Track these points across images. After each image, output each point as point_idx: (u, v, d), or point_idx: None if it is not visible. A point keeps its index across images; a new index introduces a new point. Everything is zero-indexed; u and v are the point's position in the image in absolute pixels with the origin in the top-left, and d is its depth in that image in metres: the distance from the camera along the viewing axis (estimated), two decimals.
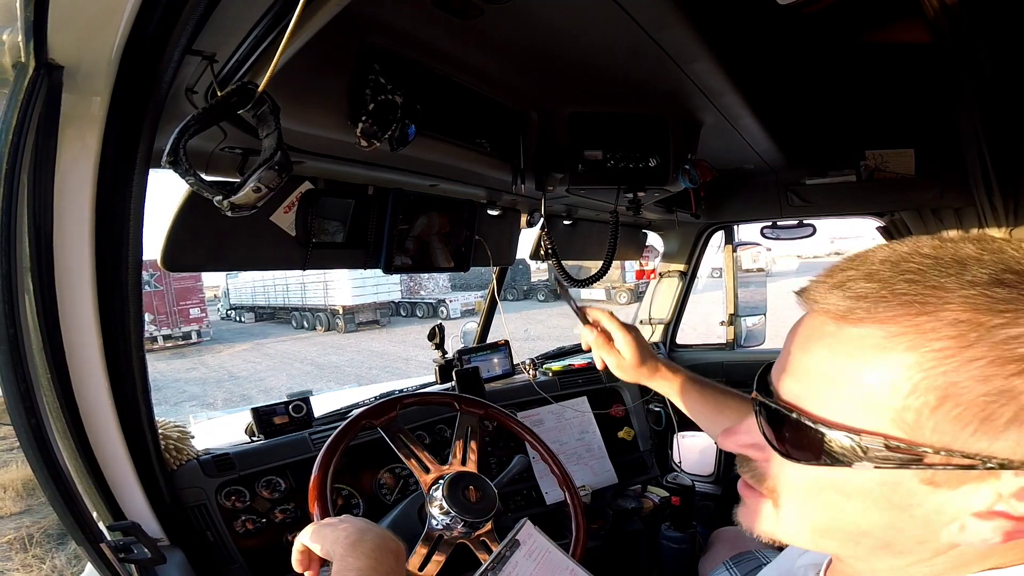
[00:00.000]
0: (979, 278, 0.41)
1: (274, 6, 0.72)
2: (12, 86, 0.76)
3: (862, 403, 0.43)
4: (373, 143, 1.07)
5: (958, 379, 0.39)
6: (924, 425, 0.41)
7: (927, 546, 0.46)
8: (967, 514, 0.42)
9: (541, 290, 24.72)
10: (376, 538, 0.88)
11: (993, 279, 0.41)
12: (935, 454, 0.41)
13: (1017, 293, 0.40)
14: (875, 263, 0.45)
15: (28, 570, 4.62)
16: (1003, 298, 0.40)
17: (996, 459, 0.39)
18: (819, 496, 0.48)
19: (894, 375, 0.41)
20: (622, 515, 1.91)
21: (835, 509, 0.47)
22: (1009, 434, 0.39)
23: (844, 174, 2.47)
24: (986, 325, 0.39)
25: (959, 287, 0.41)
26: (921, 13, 1.26)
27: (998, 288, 0.40)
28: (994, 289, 0.40)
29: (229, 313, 27.70)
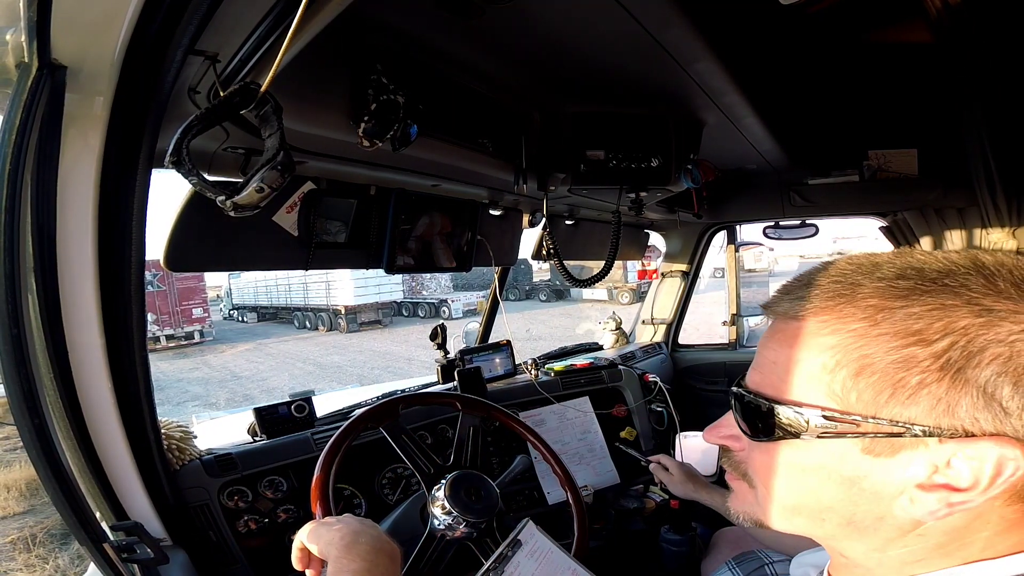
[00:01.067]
0: (887, 274, 0.49)
1: (276, 6, 0.72)
2: (15, 86, 0.76)
3: (802, 382, 0.51)
4: (375, 143, 1.07)
5: (870, 351, 0.47)
6: (850, 395, 0.48)
7: (888, 523, 0.50)
8: (911, 486, 0.48)
9: (543, 290, 24.73)
10: (371, 540, 0.88)
11: (897, 275, 0.49)
12: (865, 421, 0.47)
13: (915, 283, 0.47)
14: (813, 274, 0.54)
15: (31, 570, 4.63)
16: (904, 287, 0.48)
17: (917, 425, 0.46)
18: (782, 474, 0.54)
19: (823, 355, 0.50)
20: (624, 515, 1.91)
21: (797, 485, 0.54)
22: (920, 399, 0.45)
23: (847, 174, 2.47)
24: (890, 308, 0.47)
25: (871, 282, 0.49)
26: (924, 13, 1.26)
27: (901, 280, 0.48)
28: (897, 281, 0.48)
29: (232, 313, 27.74)
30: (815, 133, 2.26)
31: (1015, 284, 0.46)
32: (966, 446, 0.45)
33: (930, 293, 0.46)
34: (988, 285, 0.46)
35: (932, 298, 0.46)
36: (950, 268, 0.48)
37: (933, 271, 0.48)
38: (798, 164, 2.46)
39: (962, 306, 0.45)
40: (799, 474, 0.53)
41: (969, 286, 0.46)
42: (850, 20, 1.36)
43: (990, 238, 2.26)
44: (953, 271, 0.47)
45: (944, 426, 0.45)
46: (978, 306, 0.45)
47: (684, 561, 1.65)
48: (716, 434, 0.63)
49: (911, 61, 1.59)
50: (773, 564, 1.16)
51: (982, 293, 0.45)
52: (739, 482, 0.62)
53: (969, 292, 0.46)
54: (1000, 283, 0.46)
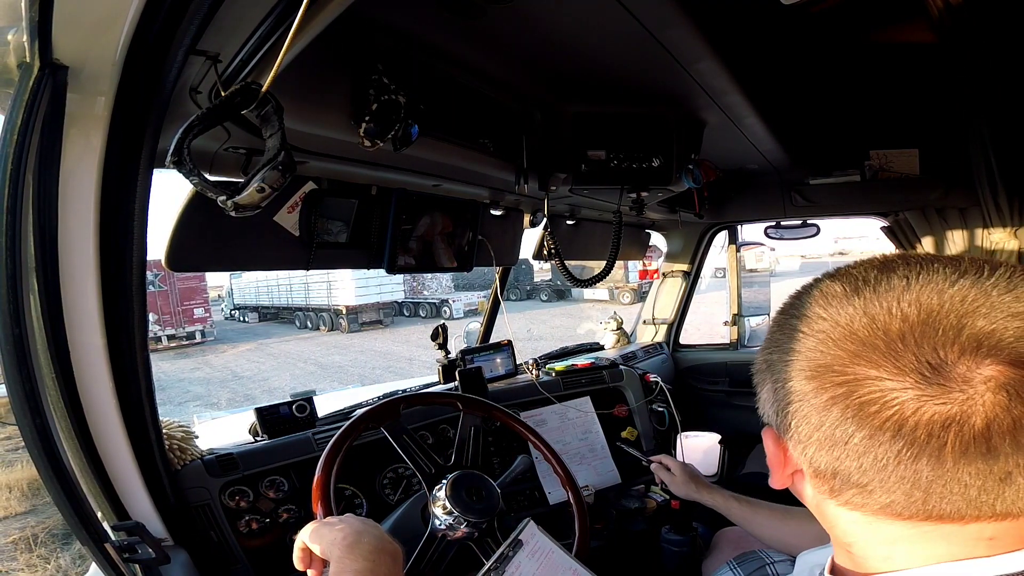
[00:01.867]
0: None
1: (278, 6, 0.72)
2: (17, 86, 0.76)
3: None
4: (376, 143, 1.07)
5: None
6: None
7: (786, 481, 0.57)
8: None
9: (544, 290, 24.72)
10: (374, 540, 0.88)
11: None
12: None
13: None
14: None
15: (33, 570, 4.63)
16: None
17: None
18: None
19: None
20: (625, 515, 1.91)
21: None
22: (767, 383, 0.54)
23: (848, 174, 2.46)
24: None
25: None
26: (926, 13, 1.26)
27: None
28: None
29: (233, 313, 27.76)
30: (816, 133, 2.26)
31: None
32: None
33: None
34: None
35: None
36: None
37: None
38: (799, 164, 2.46)
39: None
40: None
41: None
42: (852, 20, 1.36)
43: (992, 238, 2.26)
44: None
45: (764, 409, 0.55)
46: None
47: (685, 561, 1.64)
48: None
49: (913, 61, 1.59)
50: (774, 564, 1.16)
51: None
52: None
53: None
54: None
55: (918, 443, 0.42)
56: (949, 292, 0.44)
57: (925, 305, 0.44)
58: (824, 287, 0.51)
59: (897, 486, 0.44)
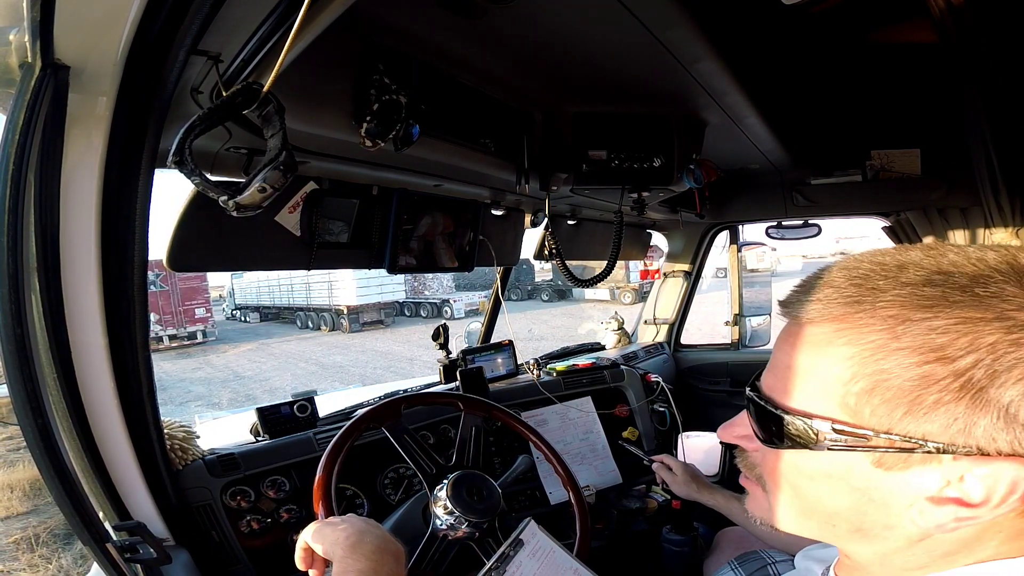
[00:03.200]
0: (913, 279, 0.46)
1: (279, 6, 0.72)
2: (19, 86, 0.76)
3: (815, 391, 0.49)
4: (377, 143, 1.08)
5: (887, 366, 0.45)
6: (863, 409, 0.46)
7: (896, 532, 0.49)
8: (922, 499, 0.46)
9: (545, 290, 24.71)
10: (376, 540, 0.88)
11: (924, 280, 0.46)
12: (876, 436, 0.46)
13: (943, 291, 0.44)
14: (833, 272, 0.51)
15: (35, 570, 4.64)
16: (930, 295, 0.44)
17: (931, 442, 0.44)
18: (792, 480, 0.53)
19: (838, 366, 0.47)
20: (626, 515, 1.91)
21: (806, 492, 0.53)
22: (936, 416, 0.43)
23: (850, 174, 2.46)
24: (911, 320, 0.44)
25: (892, 287, 0.46)
26: (927, 13, 1.26)
27: (927, 287, 0.45)
28: (923, 288, 0.45)
29: (234, 313, 27.78)
30: (818, 133, 2.26)
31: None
32: (981, 464, 0.43)
33: (958, 305, 0.43)
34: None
35: (960, 310, 0.43)
36: (984, 273, 0.44)
37: (965, 276, 0.45)
38: (801, 164, 2.46)
39: (992, 320, 0.42)
40: (808, 481, 0.52)
41: (1003, 296, 0.43)
42: (853, 20, 1.36)
43: (993, 238, 2.25)
44: (987, 277, 0.44)
45: (959, 443, 0.43)
46: (1010, 320, 0.42)
47: (686, 561, 1.64)
48: (730, 433, 0.62)
49: (914, 61, 1.59)
50: (776, 564, 1.16)
51: (1017, 305, 0.42)
52: (754, 485, 0.61)
53: (1002, 304, 0.42)
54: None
55: None
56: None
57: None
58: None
59: None
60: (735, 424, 0.62)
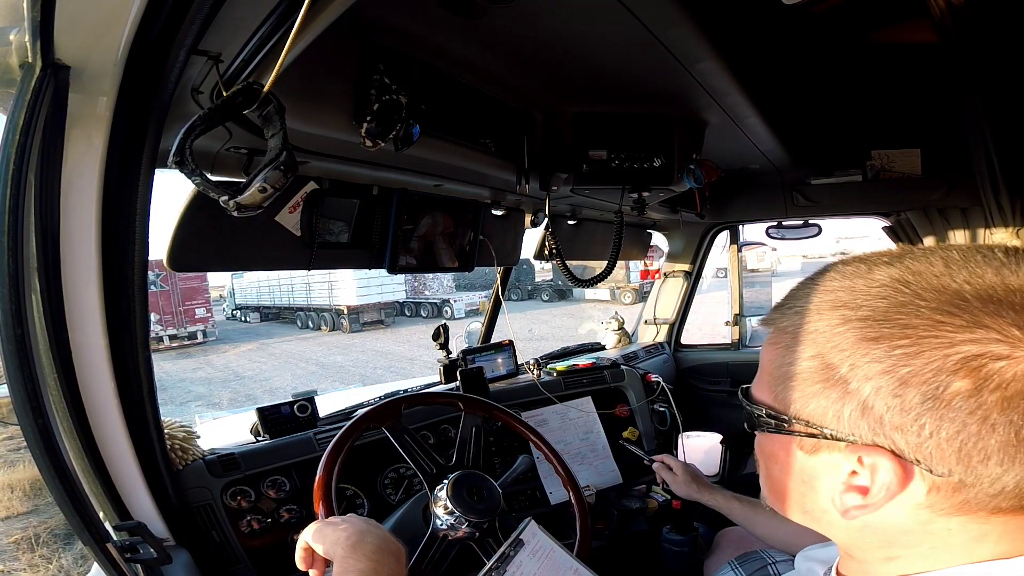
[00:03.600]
0: (827, 291, 0.52)
1: (279, 6, 0.72)
2: (19, 86, 0.76)
3: (764, 383, 0.57)
4: (378, 143, 1.08)
5: (789, 360, 0.52)
6: (780, 395, 0.54)
7: (830, 516, 0.53)
8: (838, 484, 0.51)
9: (545, 290, 24.70)
10: (377, 540, 0.88)
11: (836, 289, 0.52)
12: (793, 421, 0.53)
13: (839, 295, 0.51)
14: (796, 287, 0.58)
15: (35, 570, 4.64)
16: (830, 302, 0.51)
17: (826, 428, 0.50)
18: (763, 459, 0.61)
19: (772, 361, 0.56)
20: (626, 515, 1.91)
21: (769, 470, 0.60)
22: (819, 403, 0.50)
23: (850, 174, 2.46)
24: (809, 324, 0.52)
25: (808, 296, 0.53)
26: (928, 13, 1.26)
27: (829, 295, 0.52)
28: (830, 295, 0.52)
29: (234, 313, 27.77)
30: (818, 133, 2.26)
31: (939, 308, 0.46)
32: (863, 453, 0.48)
33: (840, 307, 0.50)
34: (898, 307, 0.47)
35: (839, 311, 0.50)
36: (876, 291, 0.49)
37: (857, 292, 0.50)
38: (801, 164, 2.46)
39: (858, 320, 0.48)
40: (768, 461, 0.59)
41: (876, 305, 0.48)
42: (853, 20, 1.36)
43: (994, 238, 2.25)
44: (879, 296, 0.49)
45: (842, 431, 0.49)
46: (869, 322, 0.48)
47: (686, 561, 1.64)
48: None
49: (914, 61, 1.58)
50: (776, 564, 1.16)
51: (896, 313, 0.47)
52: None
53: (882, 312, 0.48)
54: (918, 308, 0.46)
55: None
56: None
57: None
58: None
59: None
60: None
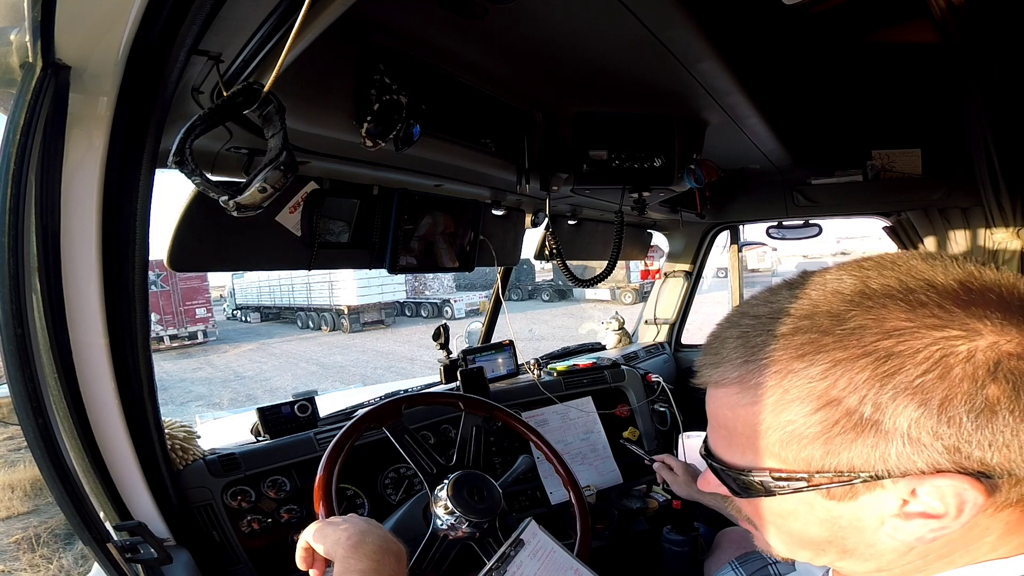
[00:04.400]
0: (784, 331, 0.48)
1: (280, 6, 0.72)
2: (20, 86, 0.76)
3: (747, 448, 0.51)
4: (378, 143, 1.08)
5: (791, 418, 0.47)
6: (788, 456, 0.48)
7: (880, 548, 0.49)
8: (889, 517, 0.47)
9: (546, 290, 24.71)
10: (378, 540, 0.88)
11: (793, 329, 0.47)
12: (811, 476, 0.47)
13: (809, 337, 0.46)
14: (725, 330, 0.54)
15: (35, 570, 4.64)
16: (800, 343, 0.46)
17: (863, 472, 0.45)
18: (771, 520, 0.55)
19: (754, 423, 0.49)
20: (627, 515, 1.91)
21: (788, 528, 0.54)
22: (851, 453, 0.45)
23: (851, 174, 2.46)
24: (793, 370, 0.46)
25: (769, 342, 0.48)
26: (928, 13, 1.26)
27: (797, 336, 0.47)
28: (794, 338, 0.47)
29: (235, 313, 27.80)
30: (819, 133, 2.25)
31: (909, 307, 0.44)
32: (923, 482, 0.44)
33: (825, 348, 0.45)
34: (879, 323, 0.44)
35: (829, 353, 0.45)
36: (840, 309, 0.46)
37: (825, 316, 0.47)
38: (801, 164, 2.45)
39: (859, 357, 0.44)
40: (783, 520, 0.53)
41: (863, 330, 0.44)
42: (854, 20, 1.36)
43: (994, 238, 2.25)
44: (844, 312, 0.46)
45: (887, 469, 0.44)
46: (873, 353, 0.43)
47: (687, 561, 1.65)
48: (708, 486, 0.63)
49: (915, 61, 1.58)
50: (776, 564, 1.16)
51: (877, 334, 0.44)
52: (748, 525, 0.61)
53: (863, 338, 0.44)
54: (892, 314, 0.44)
55: None
56: None
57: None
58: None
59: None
60: (708, 479, 0.62)
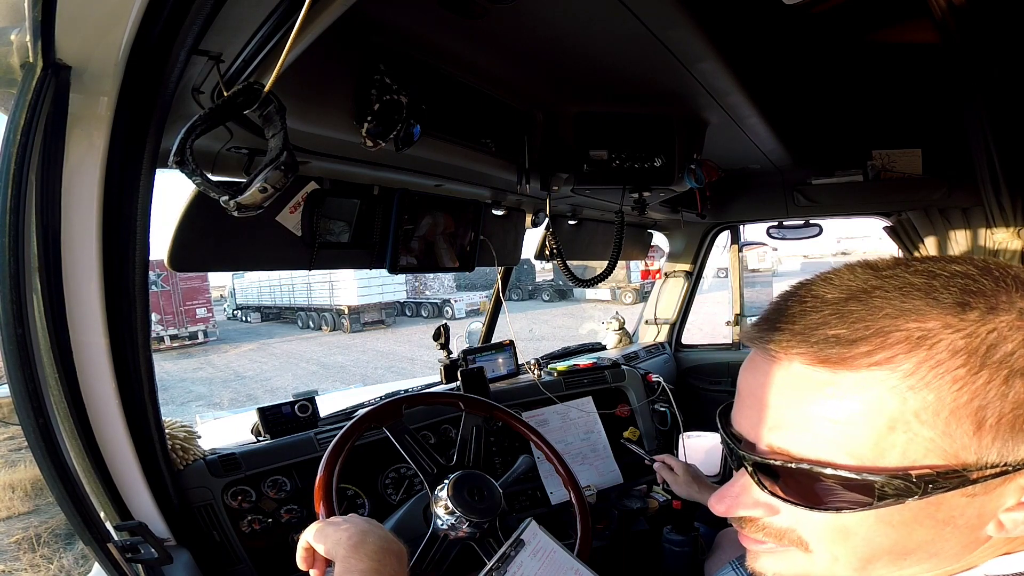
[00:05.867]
0: (946, 298, 0.42)
1: (280, 6, 0.72)
2: (20, 86, 0.76)
3: (897, 443, 0.43)
4: (379, 143, 1.08)
5: (985, 401, 0.41)
6: (959, 446, 0.42)
7: (967, 548, 0.47)
8: (1000, 511, 0.44)
9: (546, 290, 24.70)
10: (379, 540, 0.88)
11: (957, 302, 0.42)
12: (977, 471, 0.42)
13: (982, 310, 0.42)
14: (829, 299, 0.46)
15: (36, 570, 4.64)
16: (974, 319, 0.41)
17: (1013, 462, 0.42)
18: (860, 532, 0.46)
19: (920, 410, 0.42)
20: (627, 515, 1.91)
21: (879, 539, 0.46)
22: (1009, 436, 0.41)
23: (851, 174, 2.46)
24: (979, 351, 0.41)
25: (931, 308, 0.42)
26: (929, 13, 1.26)
27: (966, 308, 0.42)
28: (965, 310, 0.42)
29: (235, 313, 27.79)
30: (819, 133, 2.26)
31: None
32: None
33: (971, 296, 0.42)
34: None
35: (980, 301, 0.42)
36: (967, 270, 0.44)
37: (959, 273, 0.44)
38: (802, 164, 2.46)
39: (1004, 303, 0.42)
40: (883, 528, 0.45)
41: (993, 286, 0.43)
42: (854, 20, 1.36)
43: (995, 238, 2.25)
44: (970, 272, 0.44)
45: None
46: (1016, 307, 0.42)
47: (687, 561, 1.64)
48: (738, 506, 0.53)
49: (915, 61, 1.58)
50: None
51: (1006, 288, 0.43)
52: (779, 550, 0.52)
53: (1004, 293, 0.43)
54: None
55: None
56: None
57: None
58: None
59: None
60: (736, 495, 0.53)
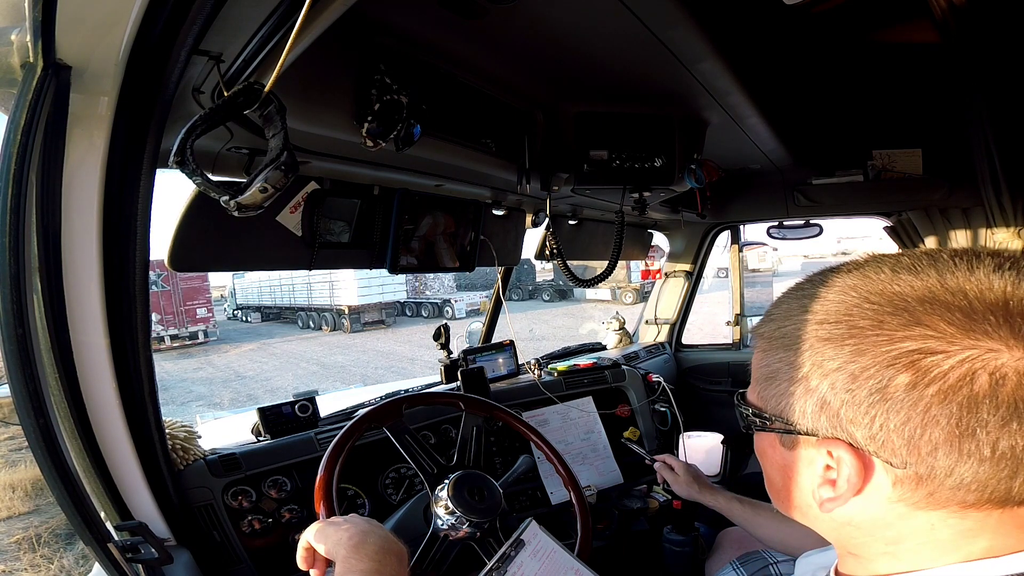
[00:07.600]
0: (797, 299, 0.55)
1: (280, 6, 0.72)
2: (20, 86, 0.76)
3: (752, 386, 0.60)
4: (379, 143, 1.08)
5: (769, 361, 0.55)
6: (764, 396, 0.56)
7: (814, 511, 0.55)
8: (817, 477, 0.52)
9: (546, 290, 24.69)
10: (379, 540, 0.88)
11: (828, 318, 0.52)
12: (774, 419, 0.55)
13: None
14: (778, 297, 0.61)
15: (36, 570, 4.64)
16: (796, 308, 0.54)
17: (798, 424, 0.52)
18: (760, 460, 0.62)
19: (755, 364, 0.59)
20: (627, 515, 1.91)
21: (765, 470, 0.61)
22: (791, 402, 0.52)
23: (851, 174, 2.46)
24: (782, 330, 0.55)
25: (782, 305, 0.57)
26: (929, 13, 1.26)
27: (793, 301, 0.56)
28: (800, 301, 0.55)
29: (235, 313, 27.79)
30: (819, 133, 2.26)
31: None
32: (830, 447, 0.50)
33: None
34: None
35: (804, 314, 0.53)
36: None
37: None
38: (802, 164, 2.46)
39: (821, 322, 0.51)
40: (760, 458, 0.61)
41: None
42: (854, 20, 1.36)
43: (995, 238, 2.25)
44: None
45: (809, 426, 0.51)
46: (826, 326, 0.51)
47: (687, 561, 1.64)
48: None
49: (916, 61, 1.58)
50: (777, 564, 1.16)
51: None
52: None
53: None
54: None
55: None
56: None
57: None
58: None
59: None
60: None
